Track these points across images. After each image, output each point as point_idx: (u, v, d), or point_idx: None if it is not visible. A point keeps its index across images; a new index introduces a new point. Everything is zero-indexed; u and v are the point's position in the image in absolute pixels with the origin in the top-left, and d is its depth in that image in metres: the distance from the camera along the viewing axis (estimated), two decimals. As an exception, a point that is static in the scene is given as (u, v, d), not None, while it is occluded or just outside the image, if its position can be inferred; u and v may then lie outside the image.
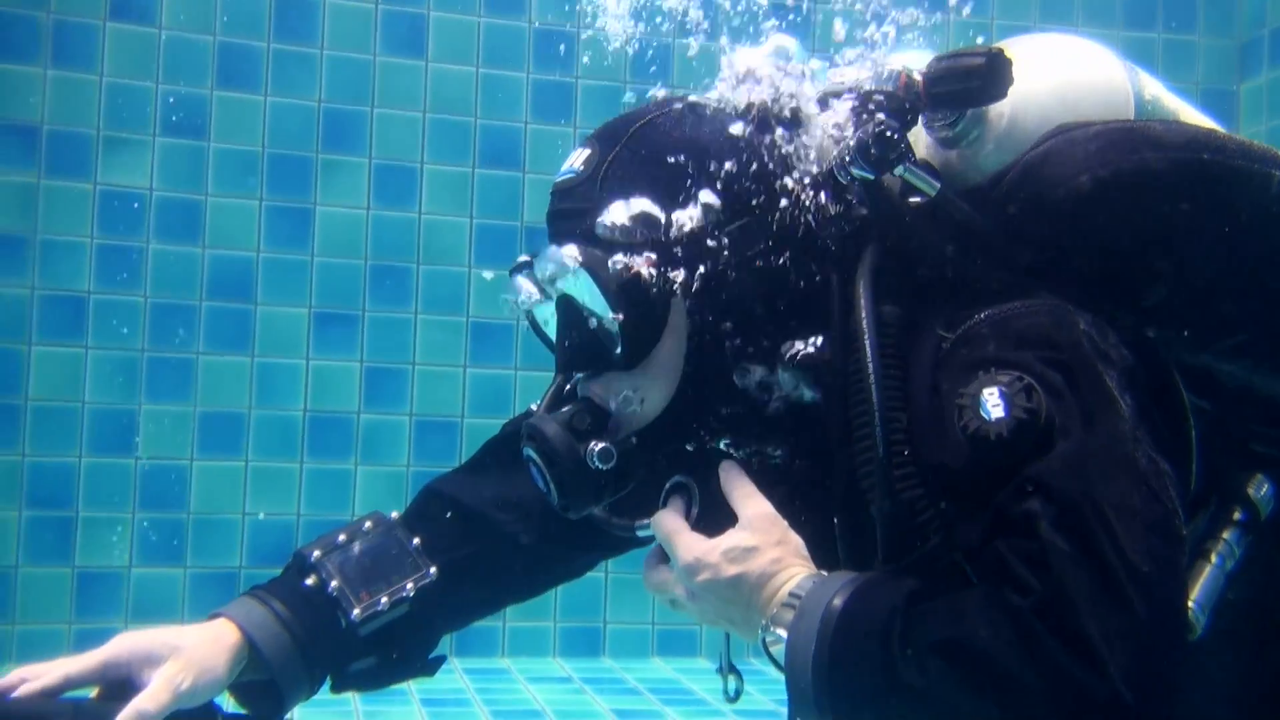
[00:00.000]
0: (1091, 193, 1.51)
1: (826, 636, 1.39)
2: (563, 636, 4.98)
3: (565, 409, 1.60)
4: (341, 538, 1.79)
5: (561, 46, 4.97)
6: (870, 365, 1.49)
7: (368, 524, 1.80)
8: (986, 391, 1.38)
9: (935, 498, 1.48)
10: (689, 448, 1.64)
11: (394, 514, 1.84)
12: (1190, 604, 1.49)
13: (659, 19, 1.81)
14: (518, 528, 1.85)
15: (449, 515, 1.85)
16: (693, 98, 1.67)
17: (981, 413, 1.37)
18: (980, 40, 1.68)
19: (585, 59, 4.94)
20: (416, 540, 1.79)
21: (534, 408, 1.84)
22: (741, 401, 1.61)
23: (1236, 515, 1.59)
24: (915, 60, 1.66)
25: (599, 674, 4.80)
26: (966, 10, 2.14)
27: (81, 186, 4.67)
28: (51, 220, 4.64)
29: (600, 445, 1.55)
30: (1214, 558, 1.55)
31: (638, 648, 5.03)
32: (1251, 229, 1.55)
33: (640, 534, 1.67)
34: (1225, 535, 1.58)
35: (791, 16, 1.81)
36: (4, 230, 4.60)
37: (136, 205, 4.70)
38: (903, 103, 1.59)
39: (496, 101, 5.00)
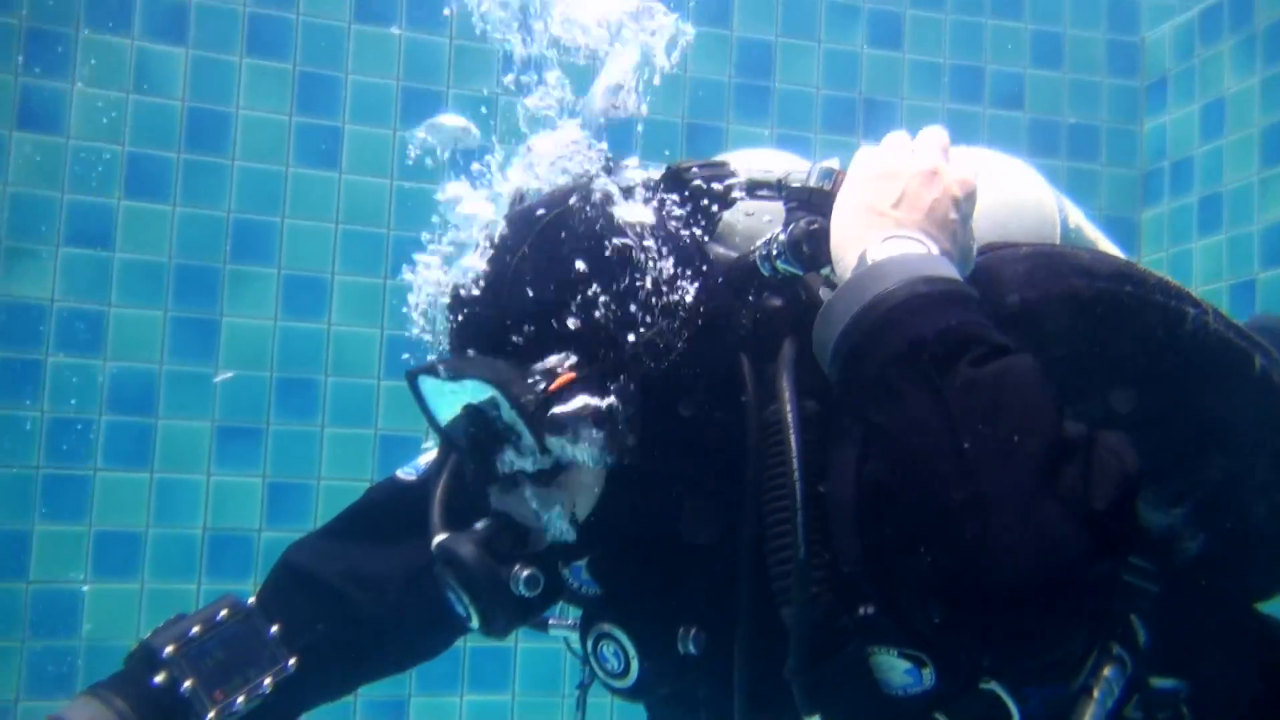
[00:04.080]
0: (1019, 313, 1.47)
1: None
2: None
3: (480, 526, 1.49)
4: (195, 629, 1.68)
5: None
6: (795, 462, 1.41)
7: (223, 612, 1.69)
8: None
9: (854, 602, 1.42)
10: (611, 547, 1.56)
11: (250, 600, 1.74)
12: None
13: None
14: (373, 608, 1.76)
15: (304, 592, 1.75)
16: (603, 181, 1.56)
17: None
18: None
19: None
20: (275, 628, 1.69)
21: (400, 475, 1.77)
22: (661, 495, 1.52)
23: (1115, 650, 1.56)
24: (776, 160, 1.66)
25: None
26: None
27: (-22, 297, 4.53)
28: (-54, 331, 4.49)
29: (526, 572, 1.45)
30: (1096, 694, 1.53)
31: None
32: (1164, 365, 1.53)
33: (552, 631, 1.64)
34: (1106, 672, 1.55)
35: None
36: (-107, 341, 4.44)
37: (38, 317, 4.56)
38: (834, 202, 1.53)
39: (408, 212, 4.93)
